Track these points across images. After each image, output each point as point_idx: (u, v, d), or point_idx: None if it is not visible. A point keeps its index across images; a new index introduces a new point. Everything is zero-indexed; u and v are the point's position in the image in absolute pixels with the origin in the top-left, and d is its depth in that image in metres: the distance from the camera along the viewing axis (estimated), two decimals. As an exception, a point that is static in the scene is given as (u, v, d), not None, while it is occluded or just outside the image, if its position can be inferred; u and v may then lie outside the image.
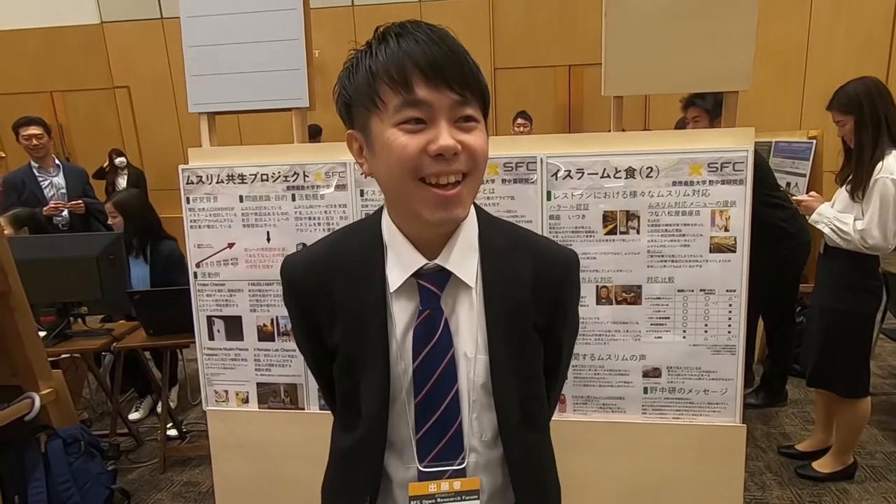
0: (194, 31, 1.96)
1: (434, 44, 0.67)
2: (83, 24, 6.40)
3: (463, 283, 0.78)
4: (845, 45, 5.77)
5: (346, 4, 6.23)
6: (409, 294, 0.78)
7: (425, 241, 0.77)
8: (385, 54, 0.68)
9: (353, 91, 0.73)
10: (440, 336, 0.77)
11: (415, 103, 0.67)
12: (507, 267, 0.80)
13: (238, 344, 1.96)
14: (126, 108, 6.53)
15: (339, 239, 0.85)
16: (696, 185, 1.63)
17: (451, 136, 0.68)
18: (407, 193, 0.71)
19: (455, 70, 0.68)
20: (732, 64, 1.67)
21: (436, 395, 0.78)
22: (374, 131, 0.71)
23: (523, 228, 0.88)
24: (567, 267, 0.84)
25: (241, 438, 2.00)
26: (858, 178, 2.04)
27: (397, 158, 0.69)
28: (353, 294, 0.79)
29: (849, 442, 2.32)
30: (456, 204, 0.70)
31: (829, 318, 2.19)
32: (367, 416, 0.80)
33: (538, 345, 0.83)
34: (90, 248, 2.52)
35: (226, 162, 1.87)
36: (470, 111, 0.70)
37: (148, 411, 3.24)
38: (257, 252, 1.89)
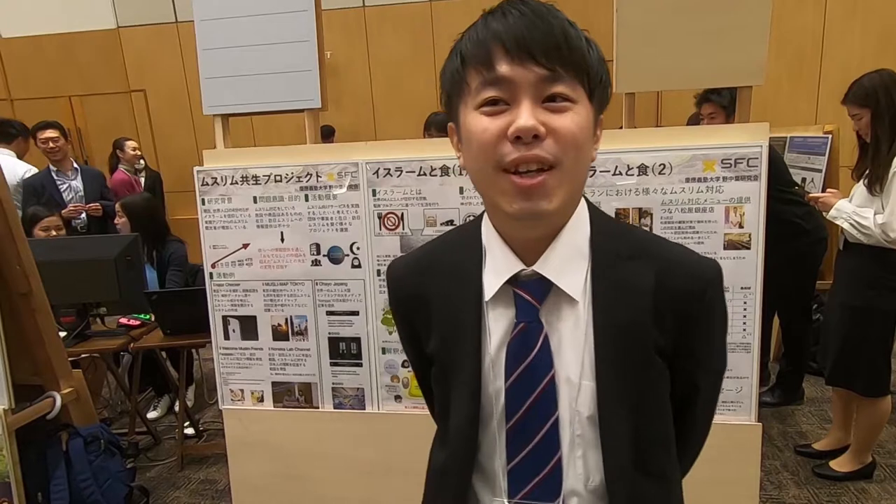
0: (208, 35, 1.99)
1: (523, 17, 0.60)
2: (100, 30, 6.49)
3: (566, 296, 0.67)
4: (861, 38, 5.67)
5: (358, 5, 6.24)
6: (506, 304, 0.69)
7: (522, 243, 0.68)
8: (472, 36, 0.63)
9: (447, 80, 0.67)
10: (537, 354, 0.67)
11: (495, 81, 0.60)
12: (624, 278, 0.68)
13: (253, 343, 1.98)
14: (142, 111, 6.61)
15: (442, 241, 0.79)
16: (710, 181, 1.61)
17: (532, 116, 0.59)
18: (488, 184, 0.64)
19: (543, 41, 0.59)
20: (746, 58, 1.65)
21: (531, 423, 0.68)
22: (461, 119, 0.65)
23: (650, 234, 0.76)
24: (703, 281, 0.69)
25: (257, 437, 2.02)
26: (875, 172, 2.02)
27: (477, 145, 0.62)
28: (449, 300, 0.72)
29: (868, 441, 2.29)
30: (540, 195, 0.61)
31: (849, 315, 2.16)
32: (456, 433, 0.73)
33: (661, 373, 0.70)
34: (108, 250, 2.56)
35: (240, 163, 1.90)
36: (561, 88, 0.60)
37: (165, 410, 3.29)
38: (271, 252, 1.91)
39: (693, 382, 0.74)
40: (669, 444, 0.74)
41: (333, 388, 1.96)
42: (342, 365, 1.93)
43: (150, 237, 3.03)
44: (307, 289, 1.91)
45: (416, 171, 1.76)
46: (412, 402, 1.90)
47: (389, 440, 1.92)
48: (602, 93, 0.65)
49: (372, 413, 1.93)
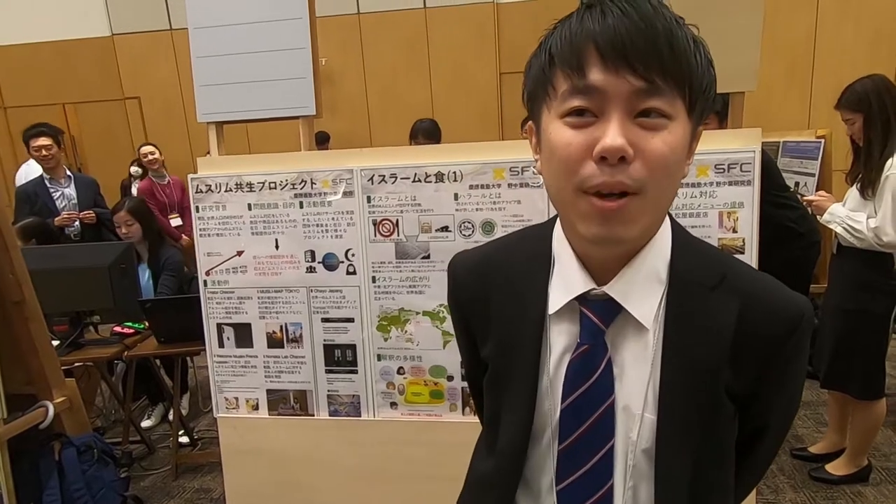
0: (202, 42, 1.99)
1: (624, 16, 0.53)
2: (94, 37, 6.49)
3: (635, 322, 0.63)
4: (853, 43, 5.72)
5: (353, 12, 6.26)
6: (570, 321, 0.66)
7: (596, 261, 0.63)
8: (564, 34, 0.57)
9: (531, 78, 0.62)
10: (598, 379, 0.64)
11: (584, 90, 0.54)
12: (702, 311, 0.63)
13: (248, 351, 1.97)
14: (137, 118, 6.61)
15: (510, 243, 0.75)
16: (704, 186, 1.62)
17: (621, 134, 0.53)
18: (566, 203, 0.59)
19: (643, 47, 0.53)
20: (738, 64, 1.66)
21: (584, 447, 0.65)
22: (543, 123, 0.60)
23: (739, 262, 0.68)
24: (793, 323, 0.62)
25: (252, 445, 2.01)
26: (868, 176, 2.04)
27: (559, 159, 0.57)
28: (511, 307, 0.69)
29: (863, 444, 2.29)
30: (619, 220, 0.56)
31: (843, 319, 2.17)
32: (505, 447, 0.70)
33: (730, 418, 0.65)
34: (102, 258, 2.55)
35: (234, 171, 1.89)
36: (657, 103, 0.54)
37: (160, 419, 3.26)
38: (266, 260, 1.90)
39: (762, 426, 0.69)
40: (728, 492, 0.69)
41: (329, 395, 1.95)
42: (337, 372, 1.93)
43: (157, 236, 3.09)
44: (302, 296, 1.90)
45: (410, 178, 1.76)
46: (408, 409, 1.89)
47: (385, 447, 1.91)
48: (705, 103, 0.59)
49: (367, 420, 1.92)
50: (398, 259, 1.81)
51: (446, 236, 1.76)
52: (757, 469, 0.75)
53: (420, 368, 1.85)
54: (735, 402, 0.64)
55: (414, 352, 1.85)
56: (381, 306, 1.85)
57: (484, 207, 1.72)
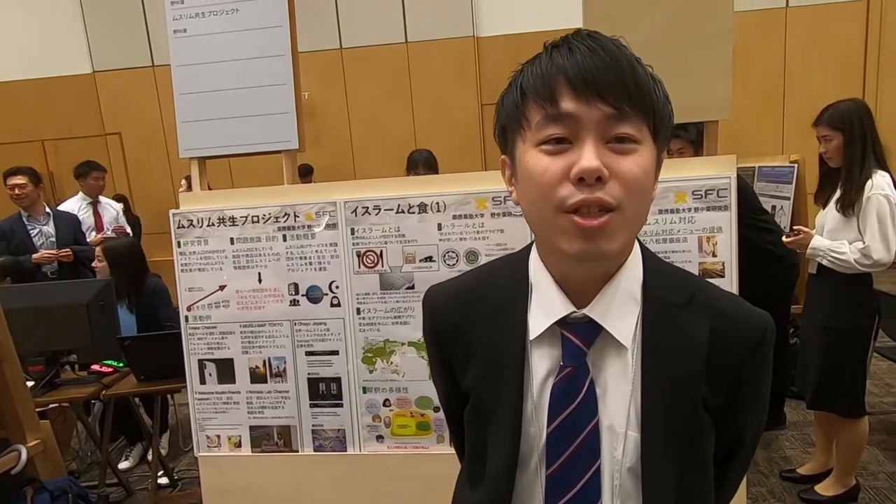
0: (185, 79, 2.00)
1: (592, 53, 0.58)
2: (76, 74, 6.50)
3: (615, 342, 0.65)
4: (821, 71, 5.95)
5: (335, 48, 6.37)
6: (551, 344, 0.67)
7: (574, 284, 0.66)
8: (535, 70, 0.61)
9: (504, 113, 0.65)
10: (583, 400, 0.65)
11: (557, 118, 0.58)
12: (677, 328, 0.66)
13: (230, 387, 1.93)
14: (118, 154, 6.58)
15: (486, 273, 0.77)
16: (682, 212, 1.65)
17: (596, 157, 0.57)
18: (547, 225, 0.61)
19: (610, 79, 0.57)
20: (711, 94, 1.71)
21: (572, 470, 0.66)
22: (517, 154, 0.64)
23: (705, 282, 0.72)
24: (759, 335, 0.67)
25: (234, 484, 1.96)
26: (848, 196, 2.07)
27: (537, 185, 0.60)
28: (491, 335, 0.70)
29: (850, 463, 2.29)
30: (601, 236, 0.58)
31: (828, 338, 2.18)
32: (493, 476, 0.70)
33: (708, 430, 0.67)
34: (80, 295, 2.50)
35: (216, 205, 1.89)
36: (627, 129, 0.58)
37: (138, 459, 3.16)
38: (249, 294, 1.88)
39: (739, 438, 0.72)
40: (709, 501, 0.71)
41: (313, 430, 1.91)
42: (322, 406, 1.90)
43: (131, 280, 2.98)
44: (286, 329, 1.88)
45: (394, 209, 1.77)
46: (395, 443, 1.86)
47: (372, 482, 1.87)
48: (666, 132, 0.64)
49: (353, 455, 1.88)
50: (383, 290, 1.80)
51: (430, 266, 1.76)
52: (735, 481, 0.77)
53: (406, 400, 1.83)
54: (711, 415, 0.67)
55: (400, 383, 1.83)
56: (366, 338, 1.83)
57: (468, 237, 1.73)
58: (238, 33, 1.96)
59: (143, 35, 6.43)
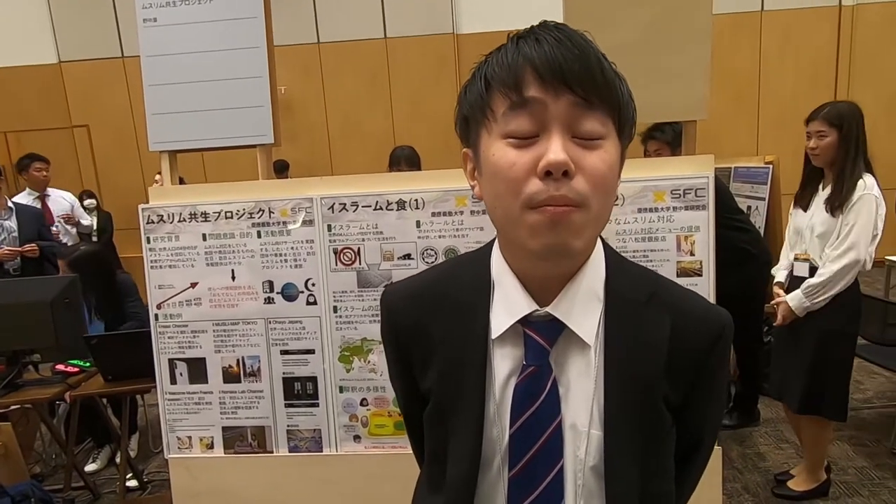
0: (155, 70, 1.94)
1: (557, 42, 0.57)
2: (40, 64, 6.30)
3: (578, 340, 0.65)
4: (794, 74, 6.09)
5: (312, 41, 6.29)
6: (514, 343, 0.66)
7: (537, 282, 0.65)
8: (500, 60, 0.60)
9: (467, 104, 0.64)
10: (545, 399, 0.64)
11: (523, 104, 0.57)
12: (639, 326, 0.65)
13: (202, 387, 1.89)
14: (85, 147, 6.40)
15: (445, 271, 0.75)
16: (661, 211, 1.66)
17: (563, 150, 0.56)
18: (512, 221, 0.60)
19: (578, 69, 0.56)
20: (690, 95, 1.72)
21: (535, 471, 0.65)
22: (481, 147, 0.62)
23: (664, 279, 0.71)
24: (717, 331, 0.67)
25: (206, 486, 1.91)
26: (839, 196, 2.07)
27: (503, 179, 0.58)
28: (452, 334, 0.68)
29: (819, 457, 2.33)
30: (567, 229, 0.57)
31: (821, 340, 2.15)
32: (454, 479, 0.68)
33: (669, 428, 0.67)
34: (44, 293, 2.41)
35: (188, 200, 1.83)
36: (593, 123, 0.57)
37: (106, 462, 3.08)
38: (222, 291, 1.83)
39: (698, 435, 0.72)
40: (671, 499, 0.71)
41: (289, 430, 1.87)
42: (297, 406, 1.86)
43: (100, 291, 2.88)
44: (260, 328, 1.84)
45: (372, 206, 1.74)
46: (372, 443, 1.83)
47: (349, 483, 1.84)
48: (630, 130, 0.63)
49: (330, 455, 1.85)
50: (360, 288, 1.77)
51: (409, 264, 1.74)
52: (694, 480, 0.78)
53: (384, 399, 1.81)
54: (672, 412, 0.67)
55: (377, 382, 1.80)
56: (343, 336, 1.80)
57: (446, 235, 1.72)
58: (211, 24, 1.91)
59: (112, 24, 6.26)
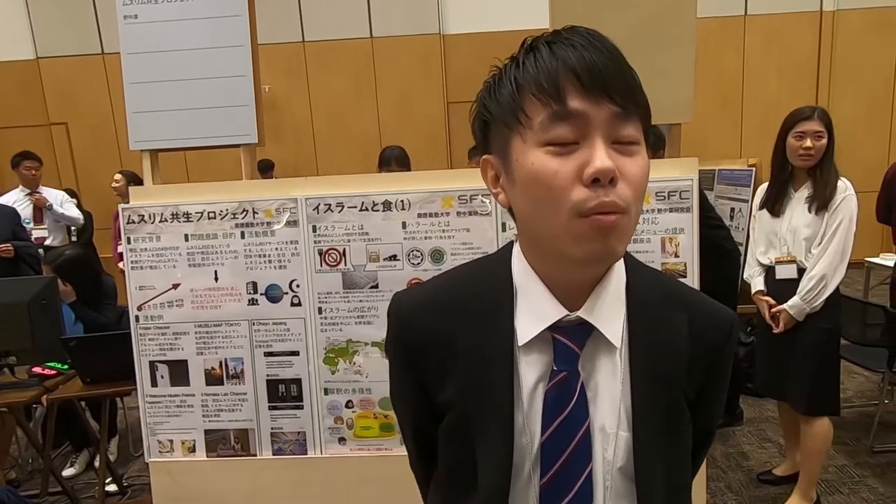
0: (136, 68, 1.91)
1: (594, 47, 0.56)
2: (17, 60, 6.17)
3: (606, 342, 0.65)
4: (777, 78, 6.18)
5: (297, 40, 6.24)
6: (542, 350, 0.65)
7: (567, 287, 0.64)
8: (535, 64, 0.58)
9: (494, 108, 0.62)
10: (575, 404, 0.63)
11: (566, 116, 0.56)
12: (660, 325, 0.66)
13: (184, 389, 1.86)
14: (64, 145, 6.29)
15: (460, 276, 0.72)
16: (646, 213, 1.67)
17: (608, 157, 0.56)
18: (555, 230, 0.58)
19: (617, 77, 0.56)
20: (674, 98, 1.73)
21: (566, 476, 0.64)
22: (514, 154, 0.60)
23: (672, 279, 0.73)
24: (728, 329, 0.69)
25: (188, 491, 1.88)
26: (822, 196, 2.08)
27: (546, 188, 0.57)
28: (474, 343, 0.66)
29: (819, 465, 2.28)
30: (615, 236, 0.57)
31: (825, 339, 2.14)
32: (486, 489, 0.65)
33: (688, 423, 0.68)
34: (20, 294, 2.36)
35: (170, 200, 1.80)
36: (632, 130, 0.58)
37: (84, 466, 3.02)
38: (204, 293, 1.81)
39: (707, 429, 0.74)
40: (690, 491, 0.72)
41: (272, 433, 1.85)
42: (282, 408, 1.84)
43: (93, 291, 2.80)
44: (243, 329, 1.81)
45: (357, 207, 1.72)
46: (357, 444, 1.82)
47: (334, 485, 1.83)
48: (650, 135, 0.63)
49: (314, 458, 1.83)
50: (345, 289, 1.75)
51: (395, 265, 1.72)
52: (696, 472, 0.79)
53: (369, 401, 1.79)
54: (689, 408, 0.68)
55: (363, 384, 1.79)
56: (328, 338, 1.78)
57: (433, 236, 1.71)
58: (193, 21, 1.88)
59: (91, 20, 6.15)
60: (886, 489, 2.44)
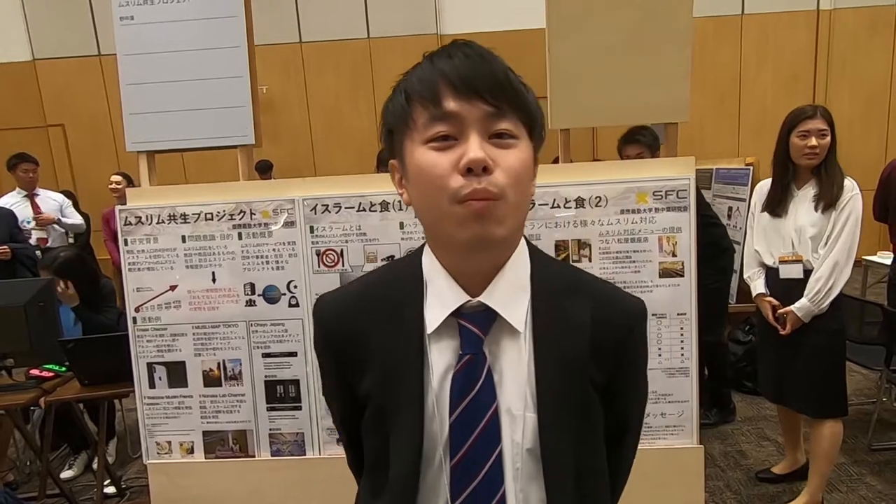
0: (132, 69, 1.90)
1: (468, 58, 0.64)
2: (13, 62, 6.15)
3: (510, 327, 0.69)
4: (773, 78, 6.18)
5: (294, 41, 6.23)
6: (449, 336, 0.70)
7: (468, 275, 0.69)
8: (418, 76, 0.66)
9: (391, 118, 0.69)
10: (482, 386, 0.68)
11: (443, 116, 0.63)
12: (563, 312, 0.71)
13: (182, 391, 1.85)
14: (61, 147, 6.27)
15: (377, 276, 0.78)
16: (643, 212, 1.67)
17: (481, 148, 0.62)
18: (440, 217, 0.65)
19: (488, 80, 0.63)
20: (671, 97, 1.74)
21: (476, 458, 0.68)
22: (406, 155, 0.67)
23: (585, 272, 0.78)
24: (633, 317, 0.75)
25: (187, 492, 1.88)
26: (829, 195, 2.06)
27: (428, 179, 0.64)
28: (388, 335, 0.71)
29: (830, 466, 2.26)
30: (491, 220, 0.63)
31: (829, 341, 2.12)
32: (397, 477, 0.70)
33: (597, 407, 0.73)
34: (17, 296, 2.35)
35: (167, 201, 1.80)
36: (506, 125, 0.64)
37: (83, 468, 3.01)
38: (202, 294, 1.81)
39: (625, 416, 0.78)
40: (605, 476, 0.76)
41: (271, 434, 1.85)
42: (280, 409, 1.84)
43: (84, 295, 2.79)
44: (241, 330, 1.81)
45: (355, 207, 1.72)
46: (356, 446, 1.82)
47: (332, 486, 1.81)
48: (539, 132, 0.69)
49: (313, 458, 1.84)
50: (343, 290, 1.76)
51: (393, 265, 1.73)
52: (627, 467, 0.84)
53: (367, 403, 1.79)
54: (598, 392, 0.72)
55: (361, 386, 1.79)
56: (326, 339, 1.78)
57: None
58: (189, 22, 1.88)
59: (87, 21, 6.14)
60: (884, 487, 2.45)
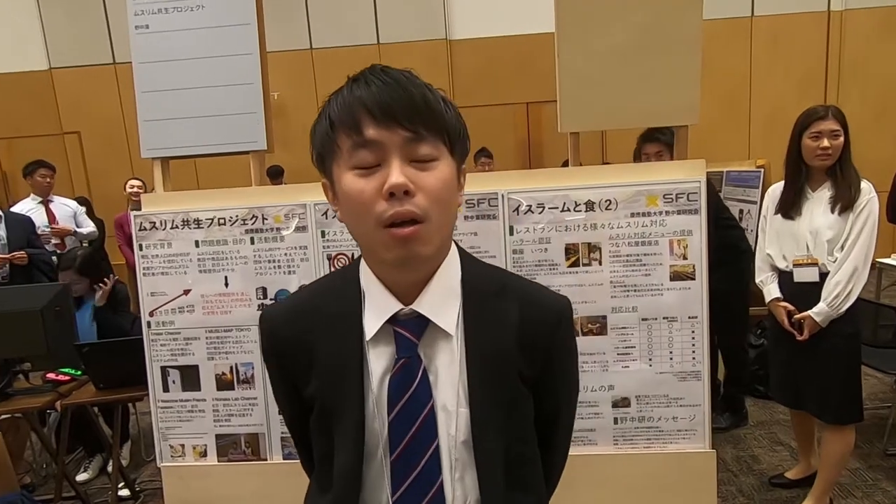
0: (147, 77, 1.93)
1: (385, 85, 0.67)
2: (31, 71, 6.26)
3: (442, 331, 0.74)
4: (784, 80, 6.13)
5: (305, 48, 6.28)
6: (386, 342, 0.75)
7: (401, 285, 0.74)
8: (339, 102, 0.69)
9: (318, 142, 0.73)
10: (417, 386, 0.73)
11: (365, 144, 0.66)
12: (491, 313, 0.76)
13: (195, 394, 1.87)
14: (76, 154, 6.36)
15: (319, 287, 0.84)
16: (654, 215, 1.67)
17: (402, 174, 0.65)
18: (368, 238, 0.69)
19: (405, 107, 0.66)
20: (680, 99, 1.73)
21: (414, 452, 0.73)
22: (335, 178, 0.71)
23: (513, 274, 0.84)
24: (558, 314, 0.80)
25: (200, 495, 1.89)
26: (847, 196, 2.02)
27: (355, 204, 0.68)
28: (330, 342, 0.76)
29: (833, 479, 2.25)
30: (415, 242, 0.67)
31: (847, 346, 2.08)
32: (342, 473, 0.75)
33: (527, 399, 0.78)
34: (34, 301, 2.39)
35: (181, 207, 1.83)
36: (426, 149, 0.67)
37: (98, 471, 3.04)
38: (215, 298, 1.83)
39: (554, 407, 0.83)
40: (537, 463, 0.82)
41: (283, 437, 1.86)
42: (292, 413, 1.85)
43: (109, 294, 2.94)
44: (254, 334, 1.83)
45: (365, 211, 1.74)
46: (367, 450, 1.82)
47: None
48: (462, 146, 0.73)
49: (324, 463, 1.84)
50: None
51: (403, 269, 1.74)
52: (560, 462, 0.90)
53: (378, 406, 1.80)
54: (528, 385, 0.78)
55: (372, 389, 1.79)
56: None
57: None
58: (203, 30, 1.91)
59: (103, 31, 6.23)
60: (901, 492, 2.41)
